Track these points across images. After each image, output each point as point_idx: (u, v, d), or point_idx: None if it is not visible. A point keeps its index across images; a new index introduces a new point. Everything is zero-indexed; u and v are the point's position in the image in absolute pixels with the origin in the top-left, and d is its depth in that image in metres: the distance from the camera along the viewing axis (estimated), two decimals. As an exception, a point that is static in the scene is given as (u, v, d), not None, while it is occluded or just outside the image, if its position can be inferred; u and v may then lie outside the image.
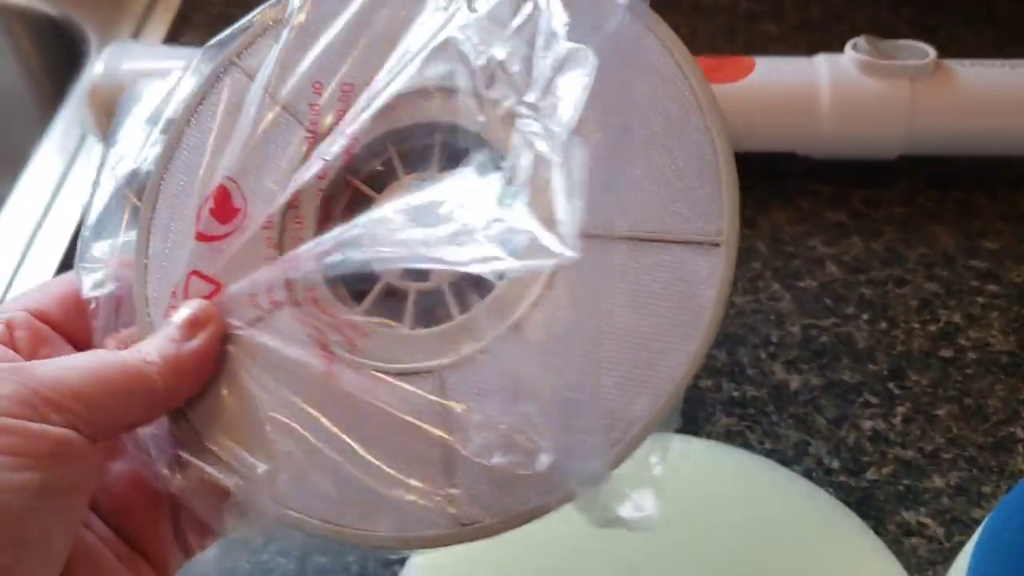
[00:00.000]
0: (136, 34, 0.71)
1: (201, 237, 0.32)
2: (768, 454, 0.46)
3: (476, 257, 0.28)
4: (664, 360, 0.28)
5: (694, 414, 0.48)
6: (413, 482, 0.29)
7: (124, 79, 0.57)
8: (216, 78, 0.34)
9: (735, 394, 0.48)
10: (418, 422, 0.29)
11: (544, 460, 0.27)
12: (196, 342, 0.30)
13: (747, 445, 0.46)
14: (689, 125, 0.30)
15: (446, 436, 0.29)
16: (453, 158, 0.32)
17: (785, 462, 0.45)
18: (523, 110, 0.30)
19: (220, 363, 0.31)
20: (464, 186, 0.30)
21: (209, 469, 0.30)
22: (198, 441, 0.31)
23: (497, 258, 0.28)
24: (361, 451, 0.29)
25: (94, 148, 0.62)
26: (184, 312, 0.31)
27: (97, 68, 0.58)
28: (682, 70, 0.30)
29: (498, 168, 0.30)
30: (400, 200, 0.30)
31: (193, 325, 0.30)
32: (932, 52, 0.55)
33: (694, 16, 0.71)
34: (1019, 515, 0.39)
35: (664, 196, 0.29)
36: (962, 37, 0.68)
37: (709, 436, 0.47)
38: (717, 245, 0.29)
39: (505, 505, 0.28)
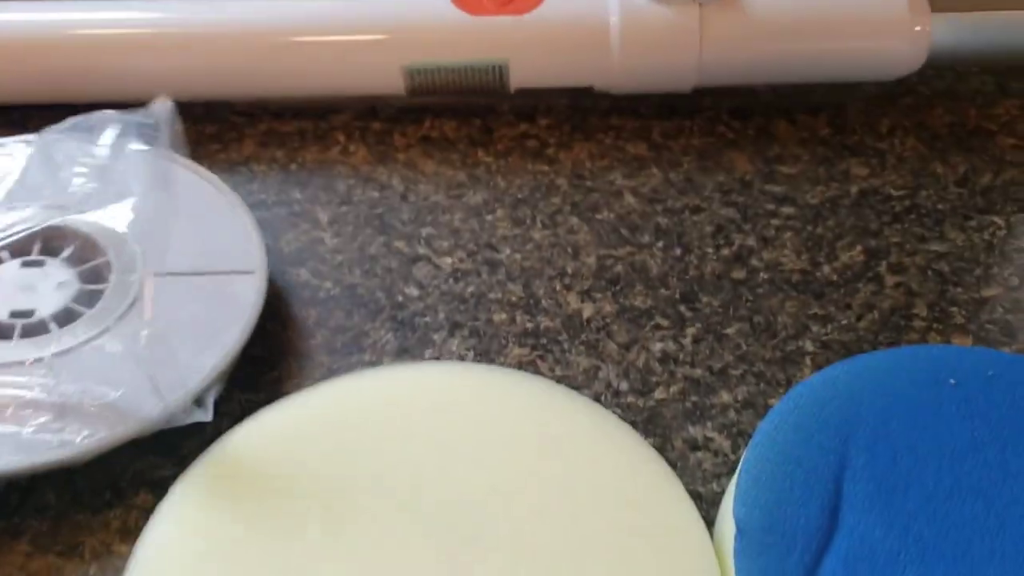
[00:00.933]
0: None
1: None
2: (559, 380, 0.45)
3: None
4: (223, 335, 0.43)
5: (486, 348, 0.47)
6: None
7: None
8: None
9: (528, 325, 0.48)
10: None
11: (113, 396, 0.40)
12: None
13: (538, 373, 0.46)
14: (223, 214, 0.48)
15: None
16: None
17: (575, 387, 0.45)
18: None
19: None
20: None
21: None
22: None
23: None
24: None
25: None
26: None
27: None
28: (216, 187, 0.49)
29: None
30: None
31: None
32: (720, -22, 0.55)
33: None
34: (790, 416, 0.40)
35: (214, 248, 0.46)
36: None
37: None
38: (252, 272, 0.45)
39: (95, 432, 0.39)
